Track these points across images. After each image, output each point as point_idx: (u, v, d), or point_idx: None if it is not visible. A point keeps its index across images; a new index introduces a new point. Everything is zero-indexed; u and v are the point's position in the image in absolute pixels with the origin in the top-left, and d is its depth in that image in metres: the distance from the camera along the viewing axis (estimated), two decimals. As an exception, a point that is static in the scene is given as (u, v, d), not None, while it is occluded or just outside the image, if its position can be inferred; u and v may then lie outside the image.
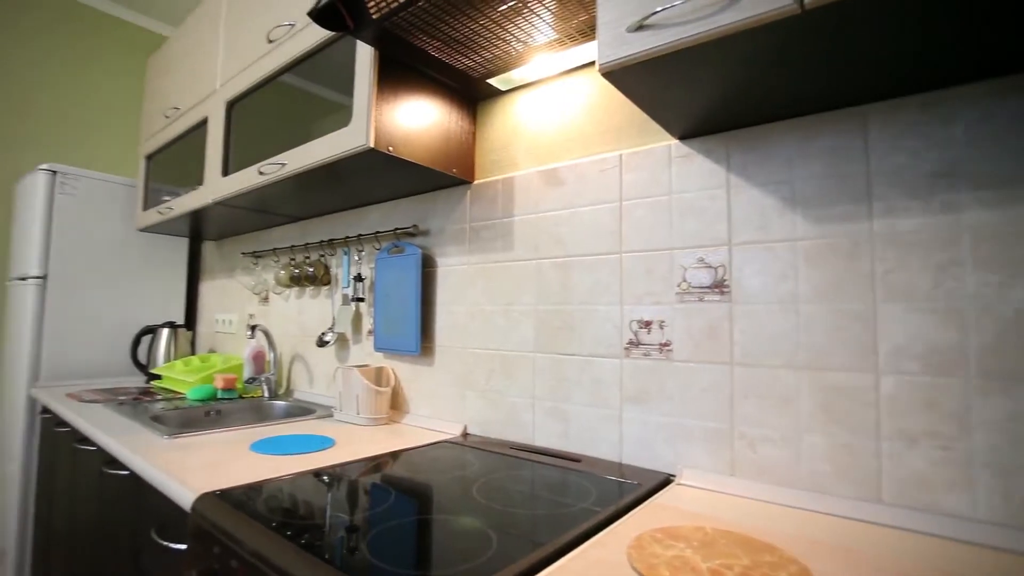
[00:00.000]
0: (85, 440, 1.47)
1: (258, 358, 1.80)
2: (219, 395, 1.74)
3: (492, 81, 1.24)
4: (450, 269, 1.36)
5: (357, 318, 1.59)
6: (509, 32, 1.03)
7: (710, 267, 0.94)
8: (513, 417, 1.21)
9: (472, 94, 1.32)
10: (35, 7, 2.53)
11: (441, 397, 1.36)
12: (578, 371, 1.10)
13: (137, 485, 1.14)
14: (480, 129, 1.35)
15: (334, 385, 1.66)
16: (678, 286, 0.97)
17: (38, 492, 1.97)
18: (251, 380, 1.78)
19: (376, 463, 1.04)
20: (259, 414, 1.70)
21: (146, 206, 2.15)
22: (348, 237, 1.61)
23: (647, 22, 0.68)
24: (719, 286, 0.92)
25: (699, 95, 0.80)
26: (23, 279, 2.14)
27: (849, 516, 0.77)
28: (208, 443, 1.17)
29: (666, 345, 0.98)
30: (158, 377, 2.09)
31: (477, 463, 1.04)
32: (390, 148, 1.13)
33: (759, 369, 0.87)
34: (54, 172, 2.11)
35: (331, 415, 1.47)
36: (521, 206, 1.23)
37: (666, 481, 0.93)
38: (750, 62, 0.69)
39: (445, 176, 1.28)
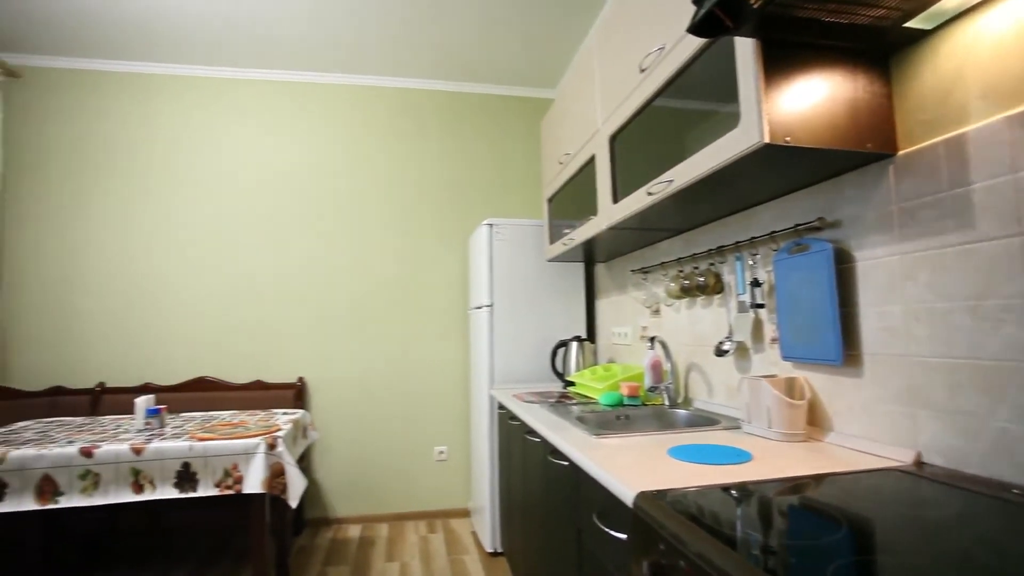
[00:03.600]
0: (532, 433, 1.83)
1: (655, 367, 1.91)
2: (625, 401, 1.91)
3: (911, 24, 0.99)
4: (874, 263, 1.14)
5: (757, 325, 1.50)
6: (939, -47, 0.81)
7: None
8: (1002, 448, 0.90)
9: (881, 49, 1.09)
10: (473, 110, 3.45)
11: (877, 415, 1.13)
12: (1124, 389, 0.75)
13: (576, 474, 1.34)
14: (898, 87, 1.09)
15: (737, 396, 1.61)
16: None
17: (500, 468, 2.57)
18: (652, 388, 1.90)
19: (801, 484, 0.94)
20: (664, 421, 1.79)
21: (552, 240, 2.59)
22: (739, 242, 1.54)
23: None
24: None
25: None
26: (479, 308, 2.87)
27: None
28: (627, 445, 1.28)
29: None
30: (572, 383, 2.46)
31: (946, 503, 0.82)
32: (787, 139, 1.03)
33: None
34: (491, 225, 2.78)
35: (738, 427, 1.42)
36: (982, 169, 0.93)
37: None
38: None
39: (856, 154, 1.09)
